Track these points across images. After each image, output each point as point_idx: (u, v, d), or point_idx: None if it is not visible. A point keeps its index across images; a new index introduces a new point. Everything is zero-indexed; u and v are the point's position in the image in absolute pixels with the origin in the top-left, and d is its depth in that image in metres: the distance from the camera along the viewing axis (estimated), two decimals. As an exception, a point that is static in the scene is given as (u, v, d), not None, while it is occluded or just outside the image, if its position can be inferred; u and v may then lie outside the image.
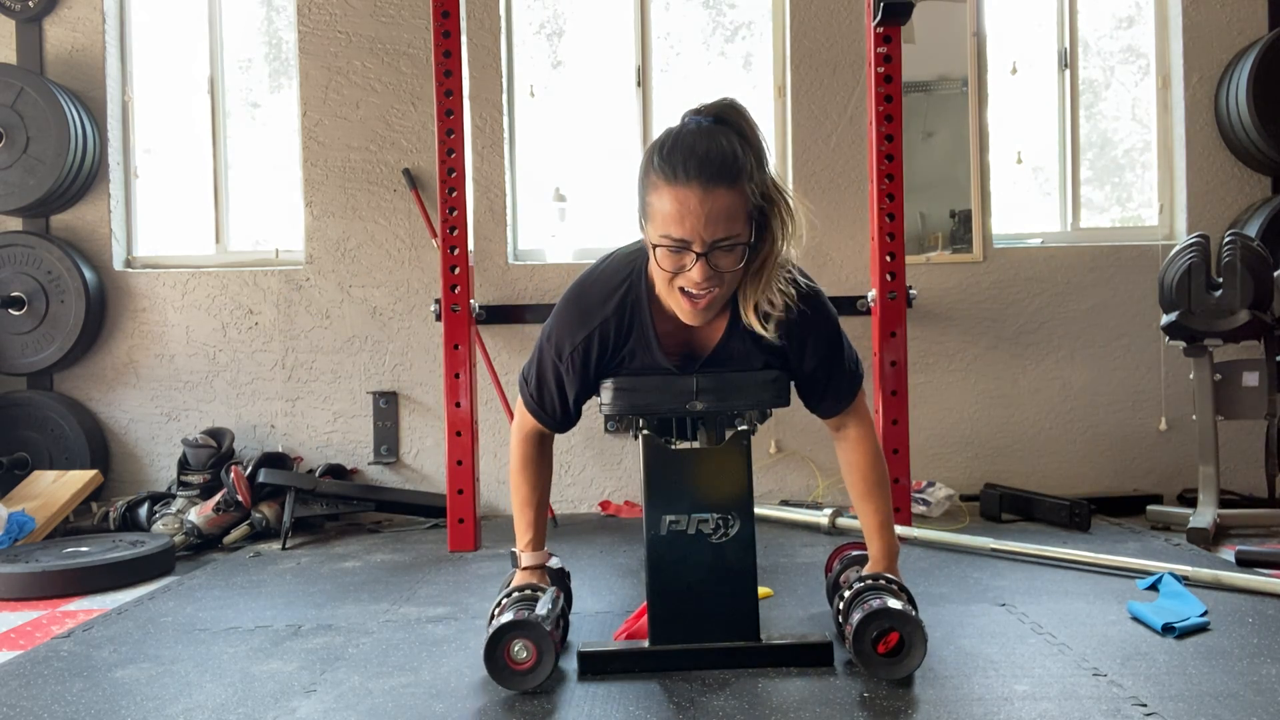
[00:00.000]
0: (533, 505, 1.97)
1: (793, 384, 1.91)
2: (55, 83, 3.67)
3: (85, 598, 2.58)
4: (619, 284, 1.81)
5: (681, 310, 1.73)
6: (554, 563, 2.06)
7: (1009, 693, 1.68)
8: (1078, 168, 3.81)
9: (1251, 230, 3.44)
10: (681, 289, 1.69)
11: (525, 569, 1.96)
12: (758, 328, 1.75)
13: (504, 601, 1.87)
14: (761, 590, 2.17)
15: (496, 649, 1.72)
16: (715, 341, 1.83)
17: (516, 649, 1.73)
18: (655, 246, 1.67)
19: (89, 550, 2.83)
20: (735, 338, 1.82)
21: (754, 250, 1.70)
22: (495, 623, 1.76)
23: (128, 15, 3.90)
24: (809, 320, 1.81)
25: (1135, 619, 2.09)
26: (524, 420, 1.96)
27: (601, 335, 1.81)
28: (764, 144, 1.69)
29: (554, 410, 1.90)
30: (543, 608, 1.78)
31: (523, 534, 1.97)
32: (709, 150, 1.61)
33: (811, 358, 1.85)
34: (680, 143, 1.63)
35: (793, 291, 1.76)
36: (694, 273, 1.64)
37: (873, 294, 3.11)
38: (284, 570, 2.83)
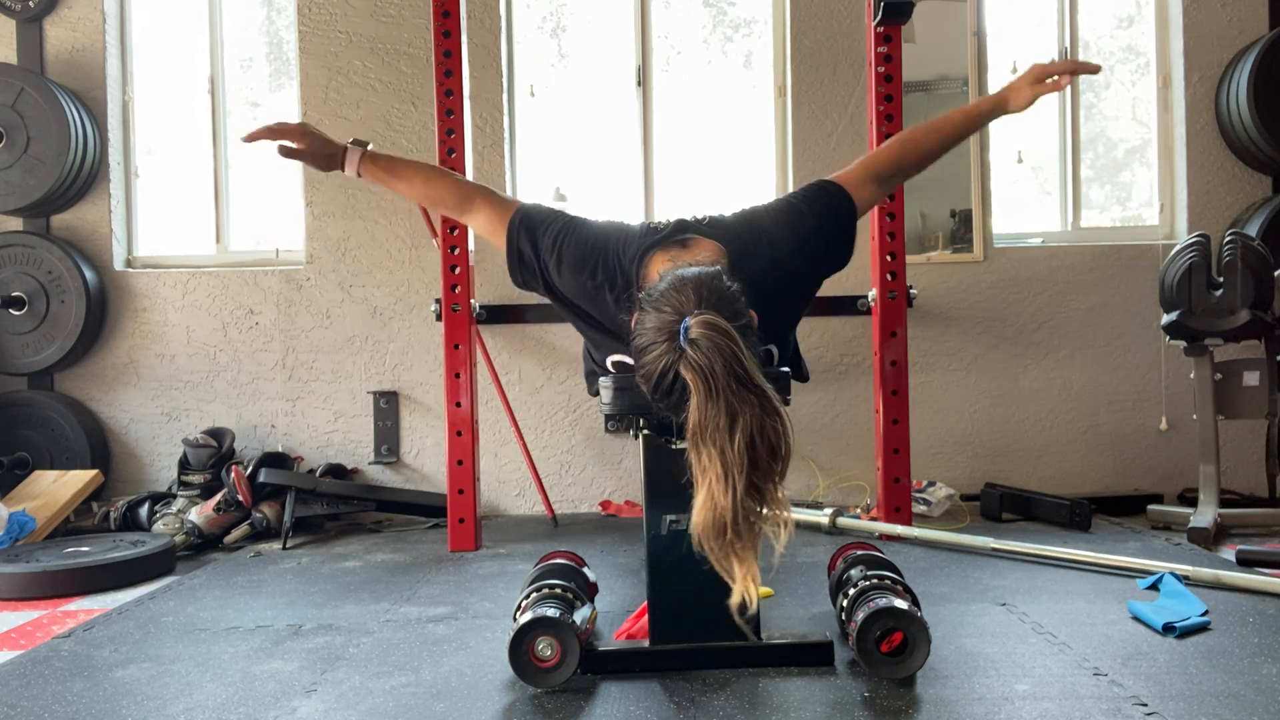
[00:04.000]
0: (401, 169, 2.06)
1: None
2: (56, 83, 3.67)
3: (86, 597, 2.58)
4: (621, 253, 1.84)
5: None
6: (589, 574, 2.10)
7: (1010, 692, 1.68)
8: (1078, 167, 3.81)
9: (1252, 230, 3.43)
10: None
11: (345, 151, 2.07)
12: None
13: (532, 596, 1.87)
14: (762, 590, 2.17)
15: (522, 644, 1.73)
16: None
17: (541, 646, 1.73)
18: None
19: (90, 550, 2.83)
20: None
21: None
22: (521, 618, 1.77)
23: (128, 15, 3.90)
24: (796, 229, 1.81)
25: (1136, 618, 2.09)
26: (478, 194, 1.99)
27: (593, 272, 1.83)
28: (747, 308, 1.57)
29: (532, 268, 1.90)
30: (579, 616, 1.80)
31: (383, 161, 2.07)
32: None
33: (807, 255, 1.85)
34: (677, 392, 1.52)
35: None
36: None
37: (873, 294, 3.11)
38: (285, 570, 2.83)
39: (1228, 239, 2.99)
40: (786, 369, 1.89)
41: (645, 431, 1.86)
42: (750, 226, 1.86)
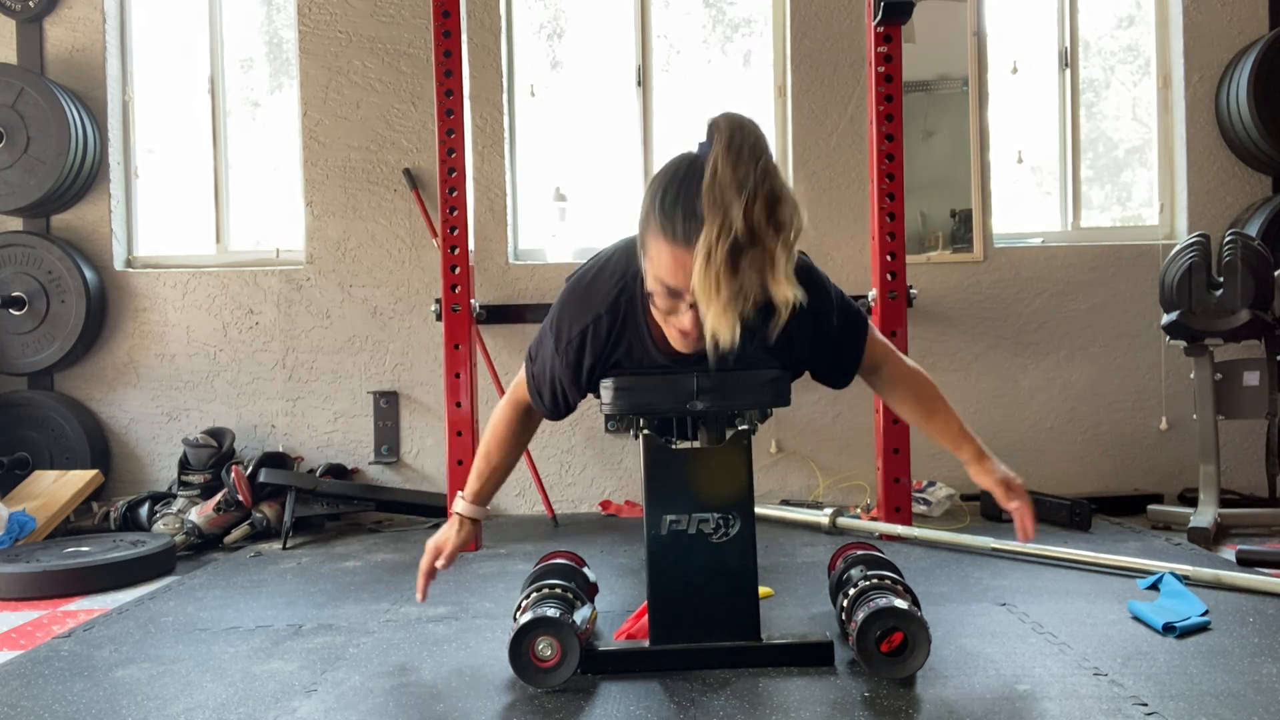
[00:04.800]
0: (492, 465, 2.00)
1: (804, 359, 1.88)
2: (56, 83, 3.67)
3: (86, 597, 2.58)
4: (615, 281, 1.79)
5: (673, 339, 1.70)
6: (589, 574, 2.10)
7: (1010, 692, 1.68)
8: (1078, 167, 3.81)
9: (1252, 229, 3.43)
10: (673, 324, 1.66)
11: (458, 514, 2.01)
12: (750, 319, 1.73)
13: (532, 596, 1.87)
14: (762, 590, 2.18)
15: (522, 644, 1.73)
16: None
17: (541, 646, 1.73)
18: (650, 285, 1.64)
19: (90, 550, 2.83)
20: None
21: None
22: (521, 618, 1.77)
23: (128, 15, 3.90)
24: (806, 312, 1.72)
25: (1136, 618, 2.09)
26: (519, 392, 1.96)
27: (595, 330, 1.79)
28: (770, 156, 1.56)
29: (548, 396, 1.89)
30: (579, 616, 1.80)
31: (472, 482, 2.00)
32: None
33: (823, 344, 1.83)
34: (683, 195, 1.54)
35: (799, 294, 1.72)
36: (685, 319, 1.62)
37: (873, 293, 3.11)
38: (285, 570, 2.83)
39: (1228, 239, 2.99)
40: (783, 371, 1.88)
41: (645, 431, 1.86)
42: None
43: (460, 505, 2.02)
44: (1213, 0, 3.66)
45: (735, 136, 1.51)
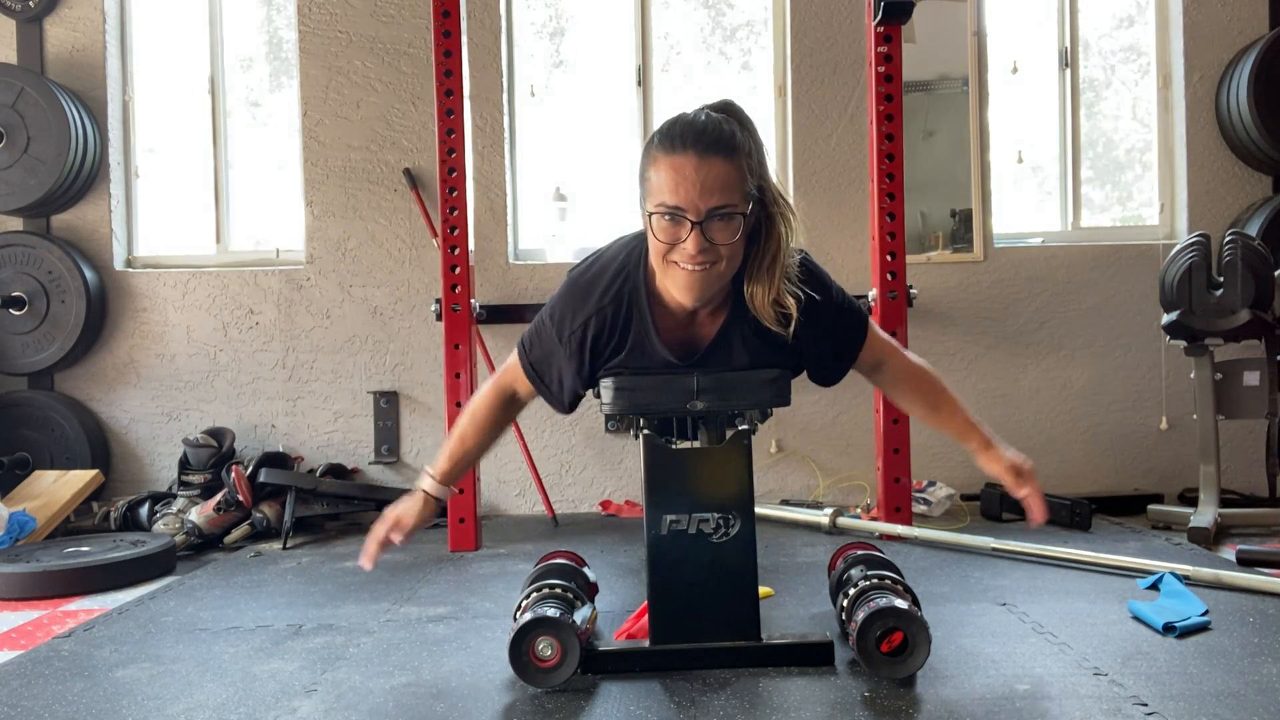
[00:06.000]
0: (465, 448, 1.96)
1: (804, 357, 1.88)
2: (56, 83, 3.67)
3: (86, 597, 2.58)
4: (618, 271, 1.80)
5: (678, 286, 1.70)
6: (589, 573, 2.10)
7: (1010, 692, 1.68)
8: (1078, 167, 3.81)
9: (1252, 229, 3.43)
10: (677, 262, 1.67)
11: (424, 490, 1.93)
12: (770, 324, 1.74)
13: (532, 596, 1.87)
14: (762, 590, 2.18)
15: (522, 644, 1.73)
16: (715, 333, 1.82)
17: (541, 646, 1.73)
18: (651, 216, 1.66)
19: (90, 550, 2.83)
20: (735, 327, 1.80)
21: (760, 245, 1.71)
22: (521, 618, 1.77)
23: (128, 15, 3.90)
24: (813, 304, 1.77)
25: (1136, 618, 2.09)
26: (505, 379, 1.94)
27: (599, 320, 1.79)
28: (763, 143, 1.73)
29: (555, 388, 1.89)
30: (579, 616, 1.80)
31: (442, 461, 1.95)
32: (707, 125, 1.65)
33: (821, 340, 1.83)
34: (679, 120, 1.68)
35: (799, 292, 1.75)
36: (689, 244, 1.63)
37: (873, 293, 3.11)
38: (285, 570, 2.83)
39: (1228, 239, 2.99)
40: (783, 370, 1.88)
41: (645, 431, 1.86)
42: None
43: (426, 482, 1.94)
44: (1213, 0, 3.66)
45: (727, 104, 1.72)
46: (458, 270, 3.03)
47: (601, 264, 1.84)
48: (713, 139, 1.63)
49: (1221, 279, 3.00)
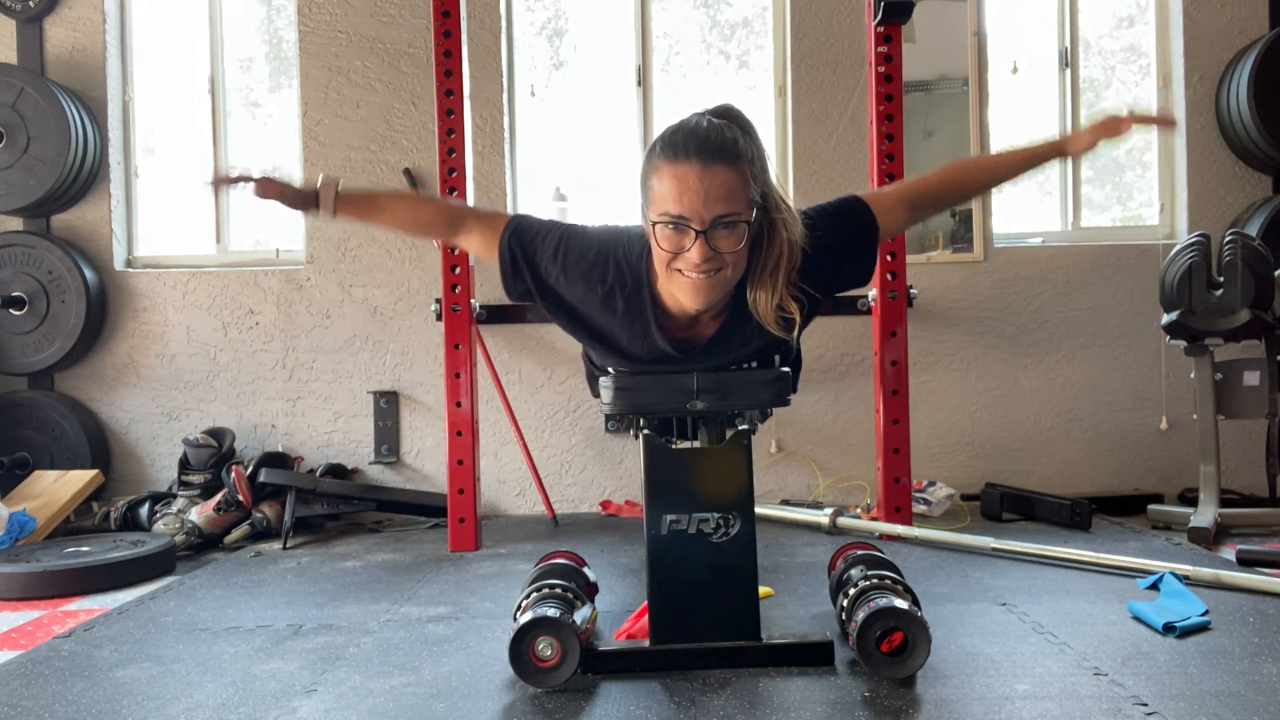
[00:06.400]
0: (380, 216, 1.98)
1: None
2: (56, 83, 3.67)
3: (86, 597, 2.58)
4: (628, 252, 1.78)
5: (683, 292, 1.69)
6: (589, 573, 2.09)
7: (1010, 692, 1.68)
8: (1078, 167, 3.81)
9: (1252, 229, 3.43)
10: (681, 270, 1.66)
11: (317, 190, 1.89)
12: (773, 328, 1.73)
13: (533, 596, 1.87)
14: (762, 590, 2.18)
15: (522, 644, 1.73)
16: (715, 331, 1.81)
17: (541, 646, 1.73)
18: (655, 225, 1.65)
19: (90, 550, 2.83)
20: (736, 325, 1.79)
21: (763, 250, 1.70)
22: (521, 618, 1.77)
23: (128, 15, 3.90)
24: (812, 229, 1.76)
25: (1136, 618, 2.09)
26: (473, 220, 1.91)
27: (617, 271, 1.77)
28: (764, 149, 1.72)
29: (519, 282, 1.85)
30: (579, 616, 1.80)
31: (360, 192, 1.96)
32: (709, 132, 1.64)
33: (824, 259, 1.78)
34: (681, 128, 1.66)
35: (801, 296, 1.74)
36: (693, 253, 1.62)
37: (873, 293, 3.11)
38: (285, 570, 2.83)
39: (1228, 239, 2.99)
40: (786, 369, 1.89)
41: (645, 431, 1.86)
42: None
43: (327, 191, 1.89)
44: (1213, 0, 3.66)
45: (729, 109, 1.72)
46: (458, 270, 3.03)
47: (622, 238, 1.81)
48: (716, 146, 1.61)
49: (1221, 279, 3.00)
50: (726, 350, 1.82)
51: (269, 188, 1.89)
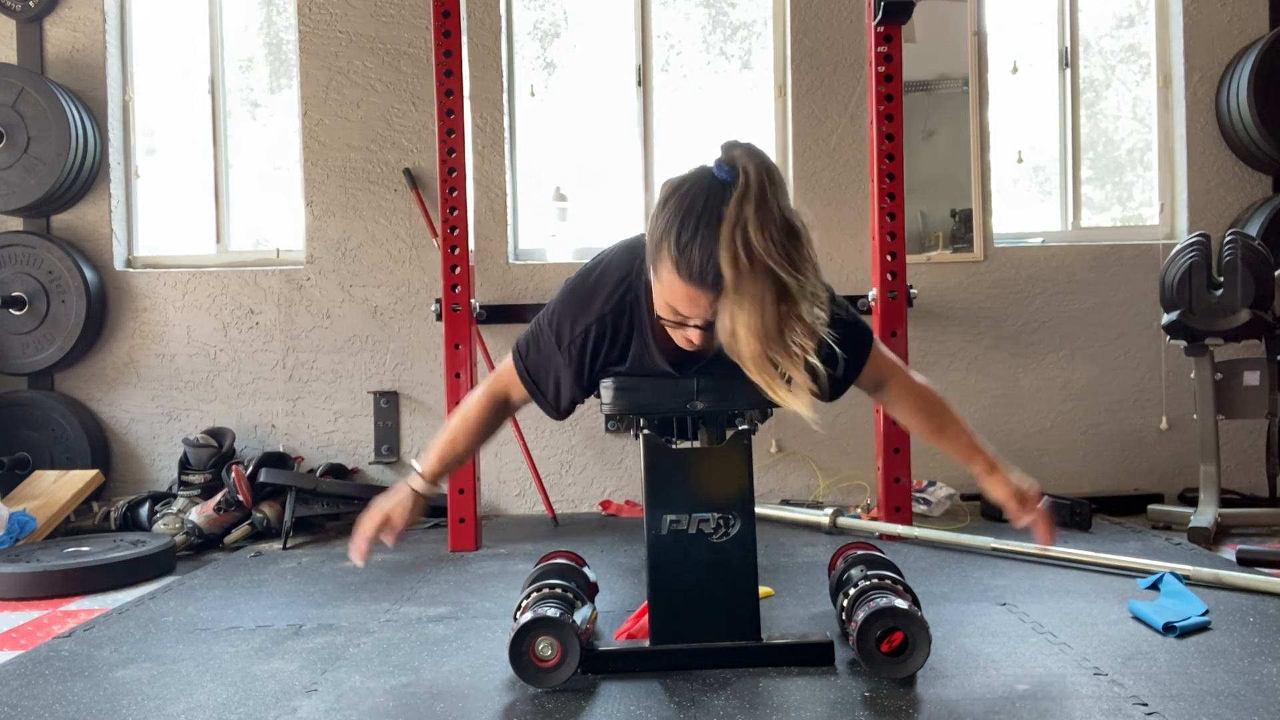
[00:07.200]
0: (456, 452, 1.94)
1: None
2: (56, 83, 3.67)
3: (86, 597, 2.58)
4: (619, 281, 1.78)
5: (678, 340, 1.69)
6: (589, 573, 2.09)
7: (1010, 692, 1.68)
8: (1078, 167, 3.81)
9: (1252, 229, 3.43)
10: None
11: (412, 489, 1.90)
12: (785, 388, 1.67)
13: (533, 596, 1.87)
14: (762, 590, 2.18)
15: (522, 644, 1.73)
16: (715, 348, 1.81)
17: (541, 646, 1.73)
18: (656, 300, 1.63)
19: (90, 550, 2.83)
20: None
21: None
22: (521, 618, 1.77)
23: (128, 15, 3.90)
24: (844, 363, 1.72)
25: (1136, 618, 2.09)
26: (498, 384, 1.92)
27: (599, 330, 1.79)
28: (785, 200, 1.54)
29: (552, 395, 1.87)
30: (579, 616, 1.80)
31: (432, 462, 1.92)
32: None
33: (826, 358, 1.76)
34: (701, 233, 1.50)
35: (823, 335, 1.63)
36: (693, 335, 1.62)
37: (873, 293, 3.11)
38: (285, 570, 2.83)
39: (1228, 239, 2.99)
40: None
41: (646, 431, 1.86)
42: None
43: (416, 481, 1.91)
44: (1213, 0, 3.66)
45: (756, 185, 1.50)
46: (458, 270, 3.03)
47: (603, 270, 1.82)
48: None
49: (1221, 279, 3.00)
50: (728, 365, 1.81)
51: (396, 532, 1.90)
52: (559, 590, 1.88)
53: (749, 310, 1.49)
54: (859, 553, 2.07)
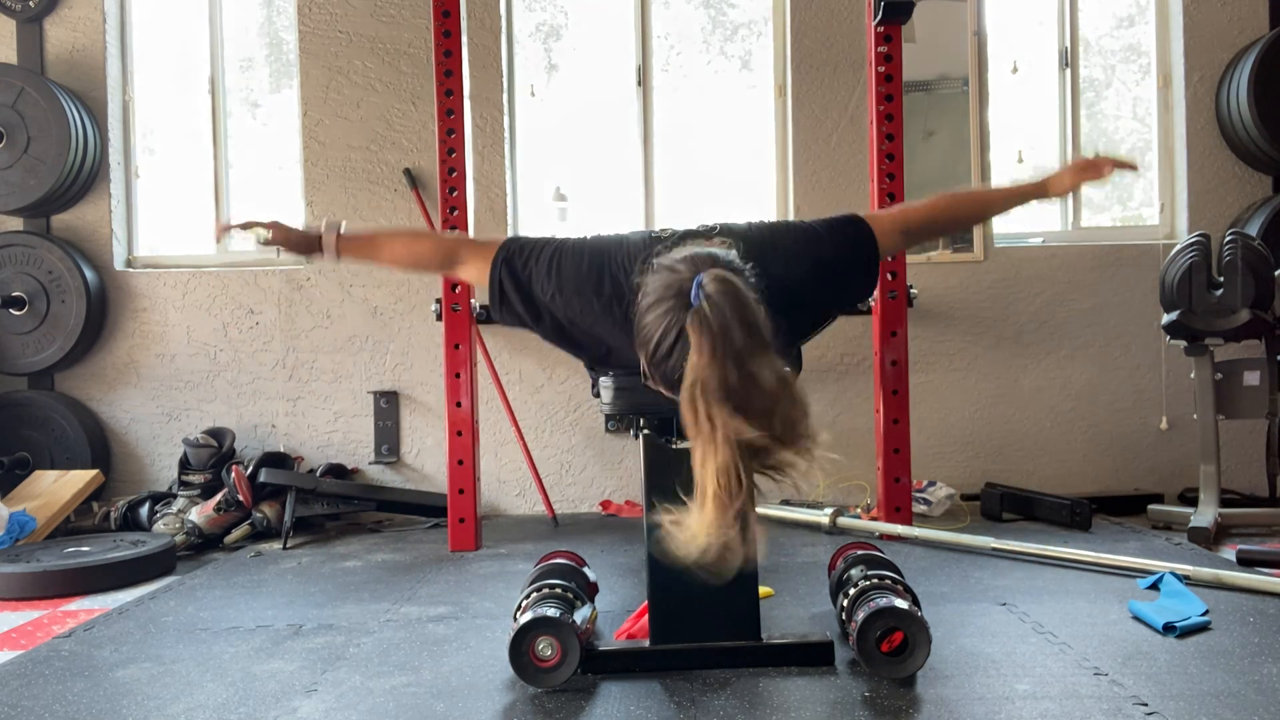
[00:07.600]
0: (377, 256, 2.00)
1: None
2: (56, 83, 3.67)
3: (86, 597, 2.58)
4: (625, 264, 1.76)
5: None
6: (588, 573, 2.09)
7: (1010, 692, 1.68)
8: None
9: (1252, 229, 3.43)
10: None
11: (321, 236, 1.95)
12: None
13: (533, 596, 1.87)
14: (762, 590, 2.18)
15: (522, 644, 1.73)
16: None
17: (541, 646, 1.73)
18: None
19: (90, 550, 2.83)
20: None
21: None
22: (521, 618, 1.77)
23: (128, 15, 3.90)
24: (817, 247, 1.74)
25: (1136, 618, 2.09)
26: (466, 251, 1.91)
27: (598, 288, 1.76)
28: (753, 342, 1.47)
29: (501, 311, 1.86)
30: (579, 616, 1.80)
31: (357, 244, 1.98)
32: None
33: (823, 278, 1.76)
34: (674, 354, 1.50)
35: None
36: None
37: (873, 293, 3.11)
38: (285, 570, 2.83)
39: (1228, 238, 2.99)
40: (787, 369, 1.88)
41: (645, 431, 1.86)
42: (766, 237, 1.79)
43: (330, 238, 1.94)
44: (1213, 0, 3.66)
45: (721, 339, 1.43)
46: (458, 270, 3.03)
47: (600, 258, 1.80)
48: None
49: (1221, 279, 3.00)
50: None
51: (276, 233, 1.95)
52: (559, 590, 1.88)
53: (712, 460, 1.46)
54: (859, 553, 2.07)
